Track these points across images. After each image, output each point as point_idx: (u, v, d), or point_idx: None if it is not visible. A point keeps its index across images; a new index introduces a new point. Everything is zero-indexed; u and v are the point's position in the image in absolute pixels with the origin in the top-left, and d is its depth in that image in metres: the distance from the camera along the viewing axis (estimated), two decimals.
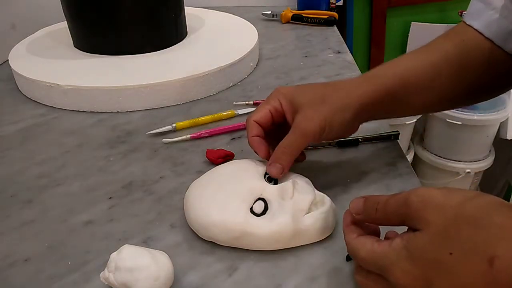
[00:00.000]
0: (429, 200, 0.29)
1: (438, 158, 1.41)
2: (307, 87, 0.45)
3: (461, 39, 0.46)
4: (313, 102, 0.41)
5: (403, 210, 0.29)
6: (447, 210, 0.28)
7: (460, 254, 0.26)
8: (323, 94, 0.42)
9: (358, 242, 0.32)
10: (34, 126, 0.60)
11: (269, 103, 0.44)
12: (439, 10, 1.51)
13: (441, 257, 0.27)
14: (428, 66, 0.45)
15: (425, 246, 0.28)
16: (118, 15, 0.68)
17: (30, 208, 0.45)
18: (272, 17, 1.02)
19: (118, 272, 0.33)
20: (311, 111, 0.41)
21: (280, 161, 0.41)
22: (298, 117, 0.41)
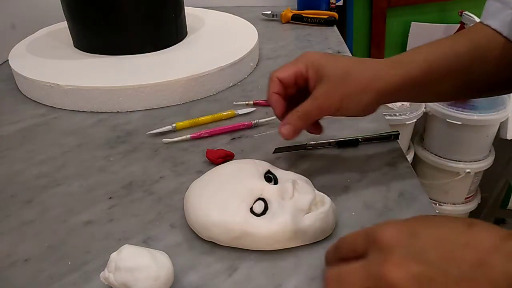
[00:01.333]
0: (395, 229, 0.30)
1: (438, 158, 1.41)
2: (335, 58, 0.44)
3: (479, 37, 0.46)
4: (337, 78, 0.42)
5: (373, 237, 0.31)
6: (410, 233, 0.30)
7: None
8: (349, 71, 0.42)
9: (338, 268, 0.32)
10: (34, 126, 0.60)
11: (296, 65, 0.44)
12: (439, 10, 1.51)
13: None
14: (452, 55, 0.45)
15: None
16: (118, 15, 0.68)
17: (30, 208, 0.45)
18: (272, 17, 1.02)
19: (118, 272, 0.33)
20: (332, 87, 0.42)
21: (293, 123, 0.43)
22: (319, 90, 0.42)
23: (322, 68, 0.43)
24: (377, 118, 0.59)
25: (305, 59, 0.44)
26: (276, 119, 0.58)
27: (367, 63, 0.44)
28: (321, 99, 0.42)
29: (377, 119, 0.59)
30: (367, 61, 0.45)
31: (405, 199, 0.45)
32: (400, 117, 1.33)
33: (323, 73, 0.42)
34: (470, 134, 1.33)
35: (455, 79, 0.45)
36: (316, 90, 0.42)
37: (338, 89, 0.42)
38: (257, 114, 0.61)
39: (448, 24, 1.48)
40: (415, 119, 1.37)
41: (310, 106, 0.43)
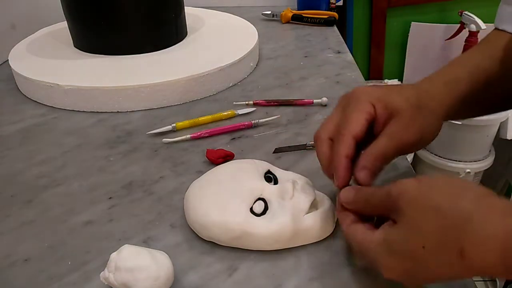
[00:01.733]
0: (404, 192, 0.30)
1: (438, 158, 1.41)
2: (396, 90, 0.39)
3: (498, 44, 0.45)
4: (410, 111, 0.37)
5: (385, 202, 0.31)
6: (418, 201, 0.29)
7: (432, 247, 0.27)
8: (419, 102, 0.38)
9: (351, 230, 0.34)
10: (34, 126, 0.60)
11: (363, 109, 0.37)
12: (439, 10, 1.51)
13: (415, 250, 0.28)
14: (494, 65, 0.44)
15: (401, 240, 0.29)
16: (118, 15, 0.68)
17: (30, 208, 0.45)
18: (272, 17, 1.02)
19: (118, 272, 0.33)
20: (410, 120, 0.37)
21: (371, 168, 0.36)
22: (393, 128, 0.37)
23: (390, 103, 0.37)
24: None
25: (368, 99, 0.38)
26: (277, 118, 0.58)
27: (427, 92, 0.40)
28: (398, 137, 0.37)
29: None
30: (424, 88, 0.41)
31: None
32: None
33: (394, 109, 0.37)
34: (470, 134, 1.33)
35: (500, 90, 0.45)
36: (390, 127, 0.37)
37: (415, 119, 0.37)
38: (257, 114, 0.61)
39: (448, 24, 1.48)
40: None
41: (388, 145, 0.36)
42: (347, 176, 0.37)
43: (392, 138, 0.37)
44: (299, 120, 0.59)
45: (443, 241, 0.27)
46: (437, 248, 0.27)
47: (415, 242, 0.28)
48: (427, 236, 0.27)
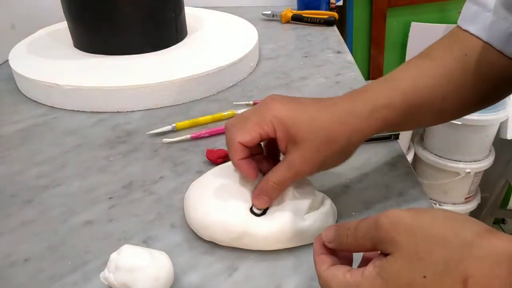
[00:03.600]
0: (399, 221, 0.28)
1: (438, 158, 1.41)
2: (306, 112, 0.38)
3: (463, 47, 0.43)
4: (315, 141, 0.37)
5: (374, 233, 0.28)
6: (417, 231, 0.27)
7: (433, 276, 0.26)
8: (326, 130, 0.37)
9: (329, 273, 0.30)
10: (34, 126, 0.60)
11: (261, 126, 0.37)
12: (439, 10, 1.51)
13: (415, 280, 0.26)
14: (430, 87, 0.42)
15: (399, 271, 0.27)
16: (118, 15, 0.68)
17: (30, 208, 0.45)
18: (272, 17, 1.02)
19: (118, 272, 0.33)
20: (312, 152, 0.37)
21: (269, 195, 0.38)
22: (294, 155, 0.37)
23: (294, 130, 0.37)
24: None
25: (271, 118, 0.37)
26: None
27: (343, 116, 0.38)
28: (298, 166, 0.37)
29: None
30: (342, 110, 0.39)
31: (405, 199, 0.45)
32: None
33: (297, 136, 0.37)
34: (470, 134, 1.33)
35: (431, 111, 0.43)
36: (291, 154, 0.37)
37: (319, 154, 0.37)
38: None
39: (448, 24, 1.48)
40: None
41: (287, 174, 0.37)
42: (251, 171, 0.38)
43: (290, 166, 0.37)
44: None
45: (446, 270, 0.25)
46: (439, 276, 0.25)
47: (416, 272, 0.26)
48: (429, 265, 0.26)
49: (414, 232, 0.27)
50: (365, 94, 0.40)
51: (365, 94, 0.40)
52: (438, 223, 0.27)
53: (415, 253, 0.26)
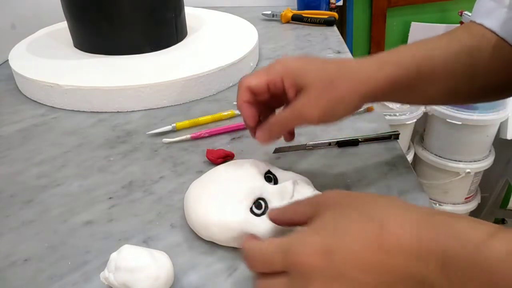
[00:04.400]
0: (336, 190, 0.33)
1: (438, 158, 1.41)
2: (316, 65, 0.40)
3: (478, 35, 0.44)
4: (320, 85, 0.39)
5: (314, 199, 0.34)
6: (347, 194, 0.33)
7: (356, 221, 0.29)
8: (332, 77, 0.39)
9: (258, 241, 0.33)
10: (34, 126, 0.60)
11: (270, 74, 0.40)
12: (439, 10, 1.51)
13: (340, 222, 0.30)
14: (446, 57, 0.43)
15: (325, 219, 0.31)
16: (118, 15, 0.68)
17: (30, 208, 0.45)
18: (272, 17, 1.02)
19: (118, 272, 0.33)
20: (316, 95, 0.39)
21: (270, 130, 0.41)
22: (301, 99, 0.39)
23: (302, 77, 0.39)
24: (377, 118, 0.59)
25: (280, 68, 0.40)
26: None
27: (351, 67, 0.41)
28: (302, 109, 0.39)
29: (377, 119, 0.59)
30: (351, 64, 0.41)
31: (405, 199, 0.45)
32: (400, 117, 1.33)
33: (304, 82, 0.39)
34: (470, 134, 1.33)
35: (443, 83, 0.43)
36: (297, 99, 0.39)
37: (322, 98, 0.39)
38: None
39: (448, 24, 1.48)
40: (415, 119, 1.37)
41: (290, 115, 0.40)
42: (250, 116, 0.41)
43: (294, 109, 0.39)
44: None
45: (368, 217, 0.29)
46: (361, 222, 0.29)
47: (341, 219, 0.30)
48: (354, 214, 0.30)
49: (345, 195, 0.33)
50: (375, 55, 0.42)
51: (375, 55, 0.42)
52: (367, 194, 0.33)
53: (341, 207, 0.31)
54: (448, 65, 0.43)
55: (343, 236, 0.29)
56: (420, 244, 0.27)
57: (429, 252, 0.27)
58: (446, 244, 0.26)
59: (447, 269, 0.26)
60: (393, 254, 0.27)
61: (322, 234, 0.29)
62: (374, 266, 0.28)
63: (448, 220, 0.28)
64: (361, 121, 0.58)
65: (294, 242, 0.30)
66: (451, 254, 0.26)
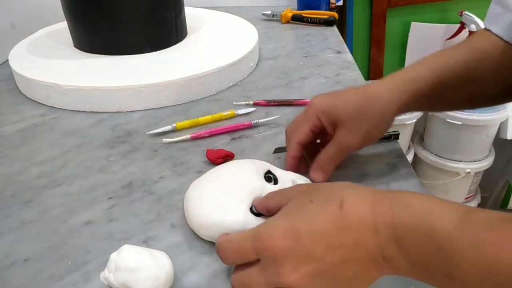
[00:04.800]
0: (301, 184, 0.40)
1: (438, 158, 1.41)
2: (343, 99, 0.45)
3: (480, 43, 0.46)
4: (353, 118, 0.43)
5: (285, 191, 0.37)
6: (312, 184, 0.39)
7: (318, 202, 0.32)
8: (362, 108, 0.43)
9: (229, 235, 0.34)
10: (34, 126, 0.60)
11: (309, 121, 0.45)
12: (439, 10, 1.51)
13: (304, 206, 0.32)
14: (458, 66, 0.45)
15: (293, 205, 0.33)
16: (118, 15, 0.68)
17: (30, 208, 0.45)
18: (272, 17, 1.02)
19: (118, 272, 0.33)
20: (352, 126, 0.43)
21: (324, 169, 0.45)
22: (340, 132, 0.44)
23: (334, 114, 0.44)
24: None
25: (315, 110, 0.45)
26: (276, 118, 0.59)
27: (376, 94, 0.44)
28: (344, 139, 0.44)
29: None
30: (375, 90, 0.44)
31: None
32: (400, 117, 1.33)
33: (338, 118, 0.44)
34: (470, 134, 1.33)
35: (464, 90, 0.46)
36: (336, 134, 0.44)
37: (358, 127, 0.43)
38: (257, 114, 0.61)
39: (448, 24, 1.48)
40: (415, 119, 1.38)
41: (335, 150, 0.44)
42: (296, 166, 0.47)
43: (337, 143, 0.44)
44: None
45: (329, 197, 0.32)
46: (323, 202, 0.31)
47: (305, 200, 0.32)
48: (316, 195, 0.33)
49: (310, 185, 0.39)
50: (396, 73, 0.46)
51: (396, 73, 0.46)
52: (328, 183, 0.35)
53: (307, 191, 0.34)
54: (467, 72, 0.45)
55: (308, 218, 0.31)
56: (375, 218, 0.29)
57: (385, 225, 0.29)
58: (398, 215, 0.28)
59: (400, 240, 0.28)
60: (354, 231, 0.29)
61: (288, 218, 0.32)
62: (338, 244, 0.29)
63: (401, 195, 0.30)
64: None
65: (262, 229, 0.32)
66: (402, 225, 0.28)
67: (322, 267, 0.29)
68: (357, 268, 0.30)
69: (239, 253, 0.32)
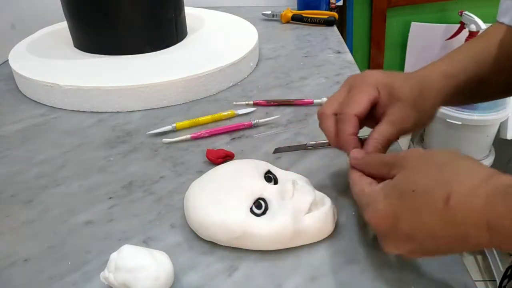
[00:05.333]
0: (415, 150, 0.34)
1: None
2: (402, 78, 0.42)
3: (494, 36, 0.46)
4: (411, 98, 0.40)
5: (393, 159, 0.35)
6: (424, 156, 0.33)
7: (420, 192, 0.30)
8: (420, 90, 0.41)
9: (357, 179, 0.37)
10: (34, 126, 0.60)
11: (367, 92, 0.40)
12: (439, 10, 1.51)
13: (405, 193, 0.31)
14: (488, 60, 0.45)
15: (396, 184, 0.32)
16: (118, 15, 0.68)
17: (30, 208, 0.45)
18: (272, 17, 1.02)
19: (118, 272, 0.33)
20: (410, 107, 0.40)
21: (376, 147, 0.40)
22: (395, 113, 0.40)
23: (395, 90, 0.40)
24: None
25: (374, 83, 0.41)
26: (276, 118, 0.59)
27: (428, 78, 0.43)
28: (400, 122, 0.40)
29: None
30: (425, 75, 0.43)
31: None
32: None
33: (398, 95, 0.40)
34: (470, 134, 1.33)
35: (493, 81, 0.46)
36: (392, 113, 0.40)
37: (415, 107, 0.40)
38: (257, 114, 0.61)
39: (448, 24, 1.48)
40: None
41: (392, 131, 0.40)
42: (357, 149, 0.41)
43: (394, 125, 0.40)
44: (299, 120, 0.59)
45: (432, 187, 0.30)
46: (425, 192, 0.30)
47: (407, 186, 0.31)
48: (419, 181, 0.31)
49: (421, 156, 0.33)
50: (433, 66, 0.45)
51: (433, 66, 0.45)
52: (445, 153, 0.32)
53: (413, 171, 0.32)
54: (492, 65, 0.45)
55: (408, 207, 0.30)
56: (489, 219, 0.27)
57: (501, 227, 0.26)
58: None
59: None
60: (462, 227, 0.28)
61: (390, 202, 0.32)
62: (442, 234, 0.29)
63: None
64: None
65: (370, 203, 0.33)
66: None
67: (423, 248, 0.31)
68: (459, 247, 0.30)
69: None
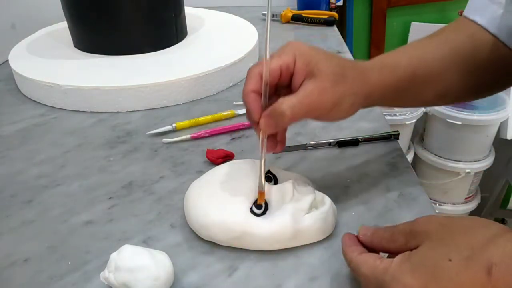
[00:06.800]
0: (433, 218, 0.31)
1: (438, 158, 1.41)
2: (327, 54, 0.38)
3: (469, 34, 0.44)
4: (334, 75, 0.36)
5: (409, 228, 0.31)
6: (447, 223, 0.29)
7: (459, 261, 0.26)
8: (344, 69, 0.37)
9: (361, 258, 0.32)
10: (34, 126, 0.60)
11: (282, 57, 0.36)
12: (439, 10, 1.51)
13: (441, 263, 0.27)
14: (439, 59, 0.43)
15: (425, 254, 0.28)
16: (118, 15, 0.68)
17: (30, 208, 0.45)
18: (272, 17, 1.02)
19: (118, 272, 0.33)
20: (329, 84, 0.36)
21: (276, 120, 0.36)
22: (311, 86, 0.36)
23: (315, 62, 0.36)
24: (377, 118, 0.59)
25: (293, 50, 0.37)
26: None
27: (358, 65, 0.40)
28: (315, 96, 0.35)
29: (377, 119, 0.59)
30: (357, 62, 0.41)
31: (405, 199, 0.45)
32: (400, 117, 1.33)
33: (317, 68, 0.36)
34: (470, 134, 1.33)
35: (436, 85, 0.44)
36: (307, 85, 0.36)
37: (334, 88, 0.36)
38: None
39: None
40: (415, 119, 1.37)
41: (301, 101, 0.35)
42: (256, 109, 0.36)
43: (306, 95, 0.36)
44: None
45: (471, 255, 0.26)
46: (465, 261, 0.26)
47: (442, 255, 0.27)
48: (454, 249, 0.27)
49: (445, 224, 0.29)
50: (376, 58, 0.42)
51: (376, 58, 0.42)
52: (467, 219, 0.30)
53: (442, 239, 0.28)
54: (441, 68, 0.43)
55: (442, 281, 0.26)
56: None
57: None
58: None
59: None
60: None
61: (419, 275, 0.27)
62: None
63: None
64: (361, 121, 0.58)
65: (390, 280, 0.28)
66: None
67: None
68: None
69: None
